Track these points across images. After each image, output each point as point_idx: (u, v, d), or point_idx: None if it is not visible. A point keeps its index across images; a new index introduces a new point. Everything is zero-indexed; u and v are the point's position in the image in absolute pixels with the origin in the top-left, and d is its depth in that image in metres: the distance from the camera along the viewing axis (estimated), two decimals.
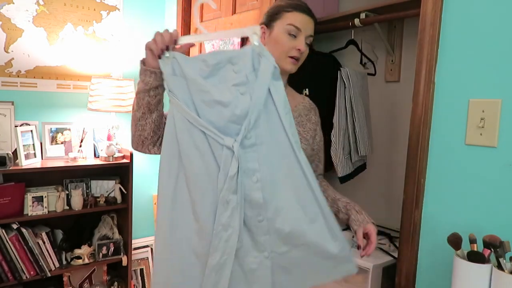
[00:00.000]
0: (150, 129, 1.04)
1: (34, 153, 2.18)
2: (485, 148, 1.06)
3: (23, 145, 2.10)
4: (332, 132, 1.83)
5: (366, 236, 1.19)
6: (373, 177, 2.06)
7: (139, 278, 2.71)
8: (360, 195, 2.11)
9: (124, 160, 2.38)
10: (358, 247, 1.18)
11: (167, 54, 0.97)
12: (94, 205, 2.31)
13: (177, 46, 0.99)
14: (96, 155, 2.44)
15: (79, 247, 2.28)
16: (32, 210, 2.11)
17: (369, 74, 1.98)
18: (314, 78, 1.95)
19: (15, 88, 2.25)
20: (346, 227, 1.96)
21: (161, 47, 0.96)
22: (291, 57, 1.17)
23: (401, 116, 1.91)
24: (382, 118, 2.02)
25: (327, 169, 1.91)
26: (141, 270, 2.72)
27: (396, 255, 1.46)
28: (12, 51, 2.22)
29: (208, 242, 0.92)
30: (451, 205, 1.14)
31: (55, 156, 2.31)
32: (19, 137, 2.07)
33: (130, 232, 2.39)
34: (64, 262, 2.25)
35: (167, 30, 0.98)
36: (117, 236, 2.39)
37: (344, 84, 1.81)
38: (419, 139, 1.20)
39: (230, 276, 0.92)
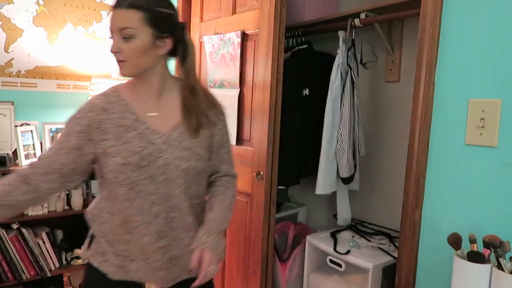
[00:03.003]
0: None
1: (34, 153, 2.18)
2: (485, 148, 1.06)
3: (23, 145, 2.10)
4: (341, 133, 1.80)
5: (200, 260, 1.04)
6: (373, 177, 2.06)
7: None
8: (360, 195, 2.11)
9: None
10: (191, 269, 1.04)
11: None
12: None
13: None
14: None
15: (79, 247, 2.27)
16: (32, 210, 2.11)
17: None
18: (314, 78, 1.95)
19: (15, 88, 2.25)
20: (346, 227, 1.97)
21: None
22: (117, 61, 1.06)
23: (401, 116, 1.91)
24: (382, 118, 2.02)
25: (308, 173, 1.92)
26: None
27: (396, 255, 1.46)
28: (12, 51, 2.22)
29: None
30: (451, 205, 1.14)
31: None
32: (19, 137, 2.07)
33: None
34: (64, 262, 2.25)
35: None
36: None
37: (353, 83, 1.79)
38: (419, 139, 1.20)
39: None
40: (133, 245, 1.09)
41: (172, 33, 1.05)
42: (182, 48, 1.09)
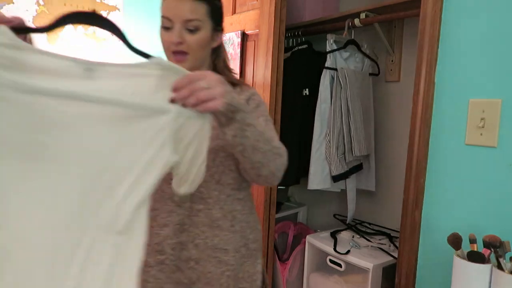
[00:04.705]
0: None
1: None
2: (485, 148, 1.06)
3: None
4: (327, 131, 1.83)
5: None
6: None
7: None
8: (360, 195, 2.11)
9: None
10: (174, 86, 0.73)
11: None
12: None
13: None
14: None
15: None
16: None
17: (371, 74, 1.98)
18: (314, 78, 1.95)
19: None
20: (346, 227, 1.97)
21: None
22: (175, 53, 0.98)
23: (401, 116, 1.91)
24: (382, 118, 2.02)
25: (302, 175, 1.92)
26: None
27: (396, 255, 1.46)
28: None
29: None
30: (451, 205, 1.14)
31: None
32: None
33: None
34: None
35: None
36: None
37: (341, 84, 1.81)
38: (419, 139, 1.20)
39: None
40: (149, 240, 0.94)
41: (222, 26, 1.05)
42: None
